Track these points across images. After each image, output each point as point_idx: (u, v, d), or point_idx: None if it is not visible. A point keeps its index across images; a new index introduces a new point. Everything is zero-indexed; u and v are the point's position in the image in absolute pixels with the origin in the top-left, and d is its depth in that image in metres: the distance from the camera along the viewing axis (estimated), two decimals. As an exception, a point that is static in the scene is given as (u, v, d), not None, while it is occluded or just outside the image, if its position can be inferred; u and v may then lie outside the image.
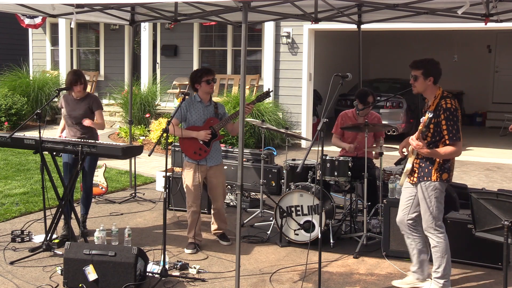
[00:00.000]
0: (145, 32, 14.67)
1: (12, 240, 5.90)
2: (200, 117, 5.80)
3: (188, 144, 5.77)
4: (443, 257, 4.68)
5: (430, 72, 4.64)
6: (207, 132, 5.74)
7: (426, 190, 4.65)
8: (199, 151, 5.75)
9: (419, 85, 4.68)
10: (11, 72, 15.44)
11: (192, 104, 5.80)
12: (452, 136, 4.51)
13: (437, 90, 4.68)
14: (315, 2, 6.54)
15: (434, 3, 6.09)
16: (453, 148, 4.53)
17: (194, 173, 5.75)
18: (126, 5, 7.37)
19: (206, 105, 5.84)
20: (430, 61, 4.70)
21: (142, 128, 12.80)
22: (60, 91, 5.96)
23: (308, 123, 13.09)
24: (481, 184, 9.01)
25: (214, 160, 5.85)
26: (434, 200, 4.64)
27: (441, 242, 4.68)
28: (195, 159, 5.76)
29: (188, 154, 5.78)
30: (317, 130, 4.56)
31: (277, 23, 12.95)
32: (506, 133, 12.13)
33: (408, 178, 4.81)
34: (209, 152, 5.78)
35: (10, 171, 9.26)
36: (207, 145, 5.78)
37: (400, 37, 17.07)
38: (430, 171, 4.64)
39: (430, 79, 4.64)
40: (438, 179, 4.62)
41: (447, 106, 4.52)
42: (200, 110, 5.80)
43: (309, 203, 5.85)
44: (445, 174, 4.64)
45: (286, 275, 5.21)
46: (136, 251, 4.68)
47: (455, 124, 4.52)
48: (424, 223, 4.73)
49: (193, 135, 5.74)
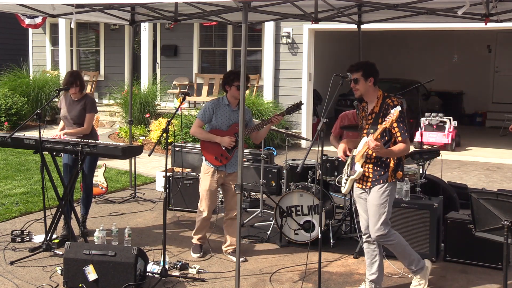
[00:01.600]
0: (145, 32, 14.67)
1: (12, 240, 5.90)
2: (225, 121, 5.54)
3: (210, 148, 5.51)
4: (406, 250, 4.66)
5: (369, 73, 4.58)
6: (232, 140, 5.47)
7: (382, 194, 4.51)
8: (220, 157, 5.50)
9: (360, 87, 4.60)
10: (11, 72, 15.45)
11: (219, 107, 5.53)
12: (404, 133, 4.44)
13: (378, 91, 4.63)
14: (315, 2, 6.54)
15: (434, 3, 6.09)
16: (405, 144, 4.44)
17: (212, 178, 5.52)
18: (126, 5, 7.37)
19: (233, 109, 5.55)
20: (367, 63, 4.66)
21: (142, 128, 12.80)
22: (60, 91, 5.96)
23: (308, 123, 13.09)
24: (481, 184, 9.01)
25: (233, 167, 5.55)
26: (388, 205, 4.53)
27: (396, 237, 4.61)
28: (215, 164, 5.51)
29: (209, 158, 5.52)
30: (317, 130, 4.56)
31: (277, 23, 12.95)
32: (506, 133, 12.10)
33: (358, 183, 4.66)
34: (230, 159, 5.53)
35: (10, 171, 9.26)
36: (229, 152, 5.52)
37: (400, 37, 17.07)
38: (386, 173, 4.52)
39: (370, 80, 4.58)
40: (393, 180, 4.55)
41: (394, 104, 4.46)
42: (227, 114, 5.54)
43: (309, 203, 5.85)
44: (399, 172, 4.55)
45: (286, 275, 5.22)
46: (136, 251, 4.68)
47: (404, 120, 4.46)
48: (374, 232, 4.55)
49: (217, 140, 5.47)
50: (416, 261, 4.73)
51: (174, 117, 7.58)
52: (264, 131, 5.66)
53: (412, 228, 5.56)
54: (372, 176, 4.57)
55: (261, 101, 12.61)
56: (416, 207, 5.56)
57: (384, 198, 4.51)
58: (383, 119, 4.38)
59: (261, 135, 5.69)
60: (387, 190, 4.52)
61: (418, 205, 5.56)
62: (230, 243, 5.66)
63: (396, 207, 5.61)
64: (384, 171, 4.53)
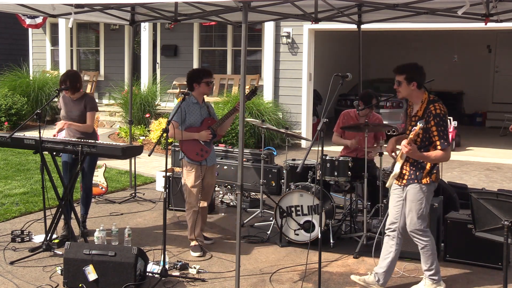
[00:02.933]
0: (145, 32, 14.67)
1: (12, 240, 5.90)
2: (197, 118, 5.78)
3: (190, 146, 5.72)
4: (434, 254, 4.73)
5: (413, 77, 4.61)
6: (208, 132, 5.75)
7: (417, 192, 4.64)
8: (201, 152, 5.74)
9: (403, 90, 4.66)
10: (11, 72, 15.45)
11: (189, 106, 5.77)
12: (443, 142, 4.52)
13: (423, 95, 4.66)
14: (315, 2, 6.54)
15: (434, 3, 6.09)
16: (443, 153, 4.54)
17: (196, 173, 5.72)
18: (126, 5, 7.37)
19: (201, 106, 5.85)
20: (413, 66, 4.69)
21: (142, 128, 12.80)
22: (60, 91, 5.96)
23: (308, 123, 13.09)
24: (481, 184, 9.01)
25: (212, 160, 5.89)
26: (425, 202, 4.65)
27: (429, 241, 4.71)
28: (197, 160, 5.73)
29: (191, 156, 5.72)
30: (317, 130, 4.57)
31: (277, 23, 12.95)
32: (506, 133, 12.13)
33: (397, 180, 4.79)
34: (210, 152, 5.80)
35: (10, 171, 9.26)
36: (208, 145, 5.80)
37: (400, 37, 17.07)
38: (421, 174, 4.64)
39: (413, 84, 4.61)
40: (429, 181, 4.64)
41: (437, 112, 4.52)
42: (197, 111, 5.79)
43: (309, 203, 5.85)
44: (433, 175, 4.67)
45: (286, 275, 5.21)
46: (136, 251, 4.68)
47: (445, 129, 4.54)
48: (411, 225, 4.69)
49: (195, 136, 5.72)
50: (435, 272, 4.76)
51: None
52: (228, 121, 5.91)
53: (412, 228, 5.55)
54: (408, 175, 4.69)
55: (261, 101, 12.61)
56: (416, 207, 5.55)
57: (421, 195, 4.63)
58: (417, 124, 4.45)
59: (225, 126, 5.93)
60: (422, 188, 4.63)
61: (418, 205, 5.55)
62: (201, 228, 5.86)
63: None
64: (419, 172, 4.64)
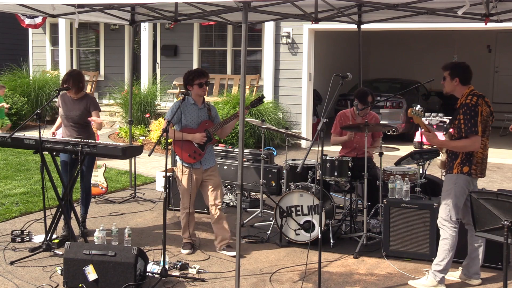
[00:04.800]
0: (145, 32, 14.67)
1: (12, 240, 5.90)
2: (194, 119, 5.72)
3: (183, 146, 5.66)
4: (450, 252, 4.76)
5: (456, 73, 4.91)
6: (203, 135, 5.65)
7: (448, 182, 4.83)
8: (193, 154, 5.66)
9: (446, 85, 4.97)
10: (11, 72, 15.45)
11: (186, 106, 5.73)
12: (467, 129, 4.68)
13: (466, 90, 4.89)
14: (315, 2, 6.54)
15: (434, 3, 6.10)
16: (466, 140, 4.68)
17: (189, 176, 5.67)
18: (126, 5, 7.37)
19: (199, 107, 5.77)
20: (458, 64, 5.01)
21: (142, 128, 12.80)
22: (60, 91, 5.96)
23: (308, 123, 13.09)
24: (481, 184, 8.96)
25: (209, 163, 5.76)
26: (453, 193, 4.77)
27: (452, 236, 4.76)
28: (189, 162, 5.67)
29: (183, 157, 5.68)
30: (317, 130, 4.57)
31: (277, 23, 12.95)
32: (506, 133, 12.13)
33: (443, 171, 5.08)
34: (204, 155, 5.71)
35: (10, 171, 9.26)
36: (202, 148, 5.70)
37: (400, 37, 17.07)
38: (453, 164, 4.81)
39: (456, 80, 4.90)
40: (459, 172, 4.76)
41: (466, 102, 4.77)
42: (194, 112, 5.74)
43: (309, 203, 5.85)
44: (465, 167, 4.75)
45: (286, 275, 5.22)
46: (136, 251, 4.68)
47: (471, 118, 4.69)
48: (441, 214, 4.84)
49: (189, 138, 5.65)
50: (441, 270, 4.79)
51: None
52: (229, 125, 5.83)
53: (412, 228, 5.56)
54: (446, 164, 4.91)
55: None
56: (416, 207, 5.56)
57: (449, 185, 4.79)
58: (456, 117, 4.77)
59: (226, 130, 5.85)
60: (452, 179, 4.80)
61: (418, 205, 5.56)
62: (222, 237, 5.73)
63: (396, 207, 5.62)
64: (452, 162, 4.82)
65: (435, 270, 4.80)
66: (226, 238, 5.72)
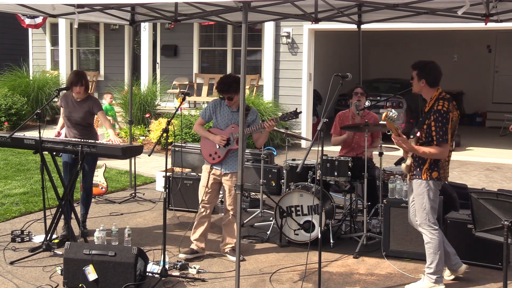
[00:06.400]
0: (145, 32, 14.66)
1: (12, 240, 5.89)
2: (224, 121, 5.61)
3: (206, 145, 5.63)
4: (436, 254, 4.75)
5: (422, 75, 4.75)
6: (222, 138, 5.51)
7: (418, 187, 4.77)
8: (214, 154, 5.58)
9: (414, 85, 4.86)
10: (11, 72, 15.44)
11: (220, 106, 5.64)
12: (438, 138, 4.62)
13: (434, 92, 4.77)
14: (315, 2, 6.54)
15: (434, 3, 6.10)
16: (437, 148, 4.62)
17: (208, 174, 5.61)
18: (126, 5, 7.37)
19: (232, 110, 5.60)
20: (427, 64, 4.80)
21: (142, 128, 12.80)
22: (60, 91, 5.96)
23: (308, 123, 13.09)
24: (481, 184, 9.00)
25: (230, 167, 5.57)
26: (427, 197, 4.73)
27: (434, 238, 4.74)
28: (209, 161, 5.63)
29: (204, 155, 5.68)
30: (317, 130, 4.57)
31: (277, 23, 12.95)
32: (506, 133, 12.11)
33: (408, 175, 4.95)
34: (223, 159, 5.55)
35: (10, 171, 9.26)
36: (222, 152, 5.55)
37: (400, 37, 17.06)
38: (421, 169, 4.74)
39: (422, 81, 4.76)
40: (429, 178, 4.71)
41: (437, 108, 4.64)
42: (226, 114, 5.62)
43: (309, 203, 5.85)
44: (434, 172, 4.72)
45: (286, 275, 5.22)
46: (136, 251, 4.68)
47: (443, 126, 4.60)
48: (418, 219, 4.82)
49: (209, 137, 5.59)
50: (434, 272, 4.77)
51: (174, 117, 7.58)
52: (264, 135, 5.66)
53: (412, 228, 5.54)
54: (413, 169, 4.84)
55: (261, 101, 12.62)
56: (416, 207, 5.55)
57: (422, 190, 4.75)
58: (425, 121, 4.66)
59: (261, 139, 5.70)
60: (422, 184, 4.74)
61: (418, 205, 5.55)
62: (227, 241, 5.69)
63: (396, 207, 5.62)
64: (419, 167, 4.75)
65: (428, 273, 4.80)
66: (232, 242, 5.66)
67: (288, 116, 5.49)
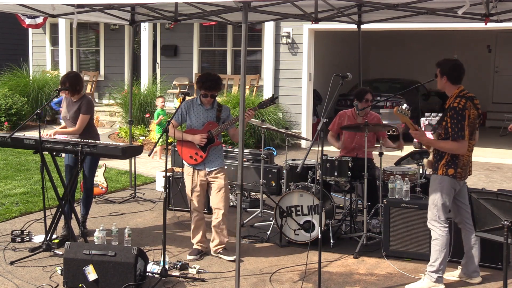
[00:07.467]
0: (145, 32, 14.66)
1: (12, 240, 5.90)
2: (200, 120, 5.60)
3: (185, 147, 5.57)
4: (442, 251, 4.76)
5: (444, 72, 4.87)
6: (203, 136, 5.50)
7: (433, 182, 4.83)
8: (195, 155, 5.56)
9: (438, 82, 4.97)
10: (11, 72, 15.44)
11: (192, 107, 5.62)
12: (454, 134, 4.69)
13: (455, 89, 4.87)
14: (315, 2, 6.54)
15: (434, 3, 6.10)
16: (453, 143, 4.69)
17: (192, 177, 5.59)
18: (126, 5, 7.37)
19: (206, 108, 5.61)
20: (449, 62, 4.93)
21: (142, 128, 12.80)
22: (60, 91, 5.96)
23: (308, 123, 13.09)
24: (481, 184, 9.00)
25: (213, 164, 5.57)
26: (439, 193, 4.76)
27: (443, 236, 4.76)
28: (190, 163, 5.59)
29: (184, 158, 5.61)
30: (317, 130, 4.57)
31: (277, 23, 12.95)
32: (506, 133, 12.09)
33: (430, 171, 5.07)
34: (205, 157, 5.55)
35: (10, 171, 9.26)
36: (203, 150, 5.56)
37: (400, 37, 17.06)
38: (438, 165, 4.81)
39: (444, 78, 4.88)
40: (444, 174, 4.76)
41: (453, 105, 4.73)
42: (200, 113, 5.62)
43: (309, 203, 5.85)
44: (451, 169, 4.75)
45: (286, 275, 5.22)
46: (136, 251, 4.68)
47: (458, 122, 4.67)
48: (429, 215, 4.85)
49: (188, 138, 5.54)
50: (435, 270, 4.77)
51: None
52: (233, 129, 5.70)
53: (412, 228, 5.56)
54: (432, 164, 4.93)
55: (261, 101, 12.59)
56: (416, 207, 5.56)
57: (435, 185, 4.80)
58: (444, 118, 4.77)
59: (237, 132, 5.58)
60: (437, 179, 4.81)
61: (418, 205, 5.56)
62: (220, 241, 5.62)
63: (396, 207, 5.62)
64: (437, 163, 4.83)
65: (429, 271, 4.80)
66: (223, 242, 5.63)
67: (265, 103, 5.75)
